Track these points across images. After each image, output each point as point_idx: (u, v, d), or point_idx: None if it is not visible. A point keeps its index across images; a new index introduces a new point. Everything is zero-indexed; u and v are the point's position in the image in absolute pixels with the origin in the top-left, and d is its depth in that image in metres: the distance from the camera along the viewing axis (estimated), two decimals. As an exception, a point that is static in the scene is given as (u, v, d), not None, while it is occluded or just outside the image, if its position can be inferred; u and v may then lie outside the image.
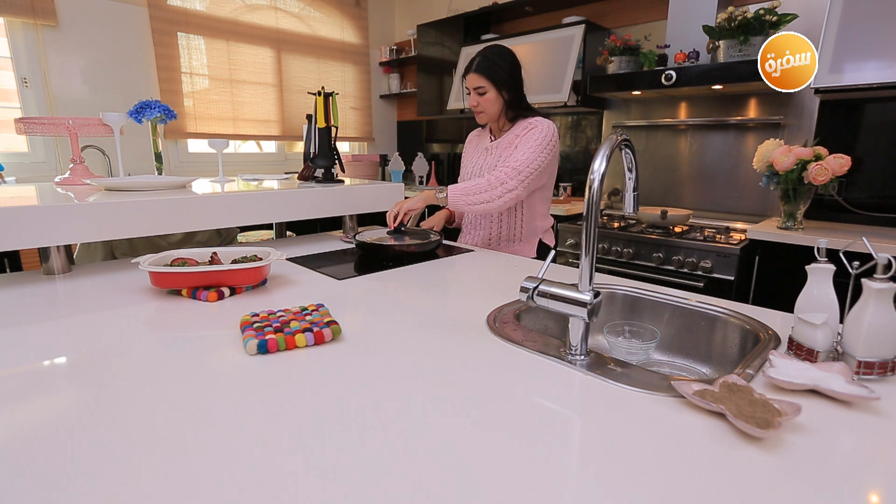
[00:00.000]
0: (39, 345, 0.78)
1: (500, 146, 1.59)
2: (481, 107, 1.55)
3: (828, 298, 0.70)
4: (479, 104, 1.55)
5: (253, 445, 0.51)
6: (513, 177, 1.43)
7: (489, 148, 1.63)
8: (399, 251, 1.37)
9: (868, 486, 0.47)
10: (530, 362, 0.72)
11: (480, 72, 1.51)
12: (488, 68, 1.51)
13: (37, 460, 0.48)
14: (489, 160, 1.61)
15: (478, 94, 1.54)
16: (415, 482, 0.46)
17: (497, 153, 1.60)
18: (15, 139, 2.68)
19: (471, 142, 1.78)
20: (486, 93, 1.52)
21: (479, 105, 1.55)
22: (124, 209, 1.18)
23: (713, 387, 0.60)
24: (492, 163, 1.59)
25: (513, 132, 1.56)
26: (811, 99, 2.19)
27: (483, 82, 1.51)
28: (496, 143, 1.61)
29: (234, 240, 1.94)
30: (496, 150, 1.61)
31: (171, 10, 3.02)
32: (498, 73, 1.51)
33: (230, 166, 3.45)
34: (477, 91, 1.53)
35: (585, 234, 0.70)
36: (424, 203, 1.49)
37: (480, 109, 1.56)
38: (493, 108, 1.54)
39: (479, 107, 1.56)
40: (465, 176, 1.70)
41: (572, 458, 0.51)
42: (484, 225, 1.64)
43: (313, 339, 0.76)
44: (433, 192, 1.49)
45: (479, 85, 1.52)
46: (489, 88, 1.51)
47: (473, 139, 1.77)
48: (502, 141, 1.59)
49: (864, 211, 2.08)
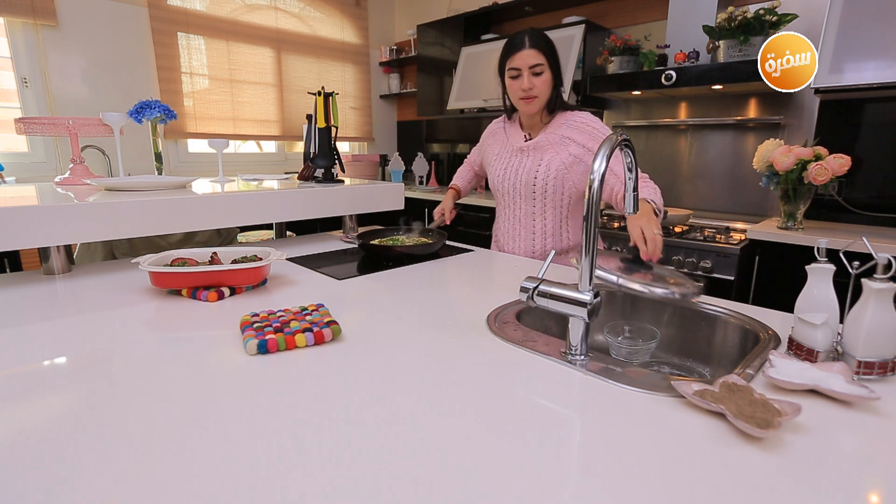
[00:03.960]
0: (39, 345, 0.78)
1: (541, 148, 1.36)
2: (536, 90, 1.29)
3: (828, 298, 0.70)
4: (535, 87, 1.29)
5: (253, 446, 0.51)
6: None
7: (524, 149, 1.40)
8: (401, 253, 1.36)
9: (868, 486, 0.47)
10: (530, 362, 0.72)
11: (538, 47, 1.27)
12: (547, 44, 1.28)
13: (36, 460, 0.48)
14: (526, 163, 1.38)
15: (533, 75, 1.28)
16: (415, 481, 0.46)
17: (537, 156, 1.37)
18: (15, 139, 2.68)
19: (494, 134, 1.53)
20: (542, 73, 1.28)
21: (535, 88, 1.29)
22: (124, 209, 1.18)
23: (713, 387, 0.60)
24: (530, 167, 1.37)
25: (556, 132, 1.34)
26: (811, 99, 2.19)
27: (541, 59, 1.27)
28: (533, 143, 1.38)
29: (234, 240, 1.93)
30: (534, 152, 1.37)
31: (171, 10, 3.02)
32: (554, 53, 1.29)
33: (230, 166, 3.45)
34: (532, 70, 1.28)
35: (585, 234, 0.70)
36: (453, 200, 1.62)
37: (535, 94, 1.30)
38: (547, 94, 1.31)
39: (532, 90, 1.29)
40: (494, 177, 1.48)
41: (572, 457, 0.51)
42: (524, 237, 1.45)
43: (313, 339, 0.76)
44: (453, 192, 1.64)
45: (536, 62, 1.27)
46: (546, 69, 1.28)
47: (498, 132, 1.52)
48: (541, 141, 1.36)
49: (864, 211, 2.08)
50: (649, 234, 1.05)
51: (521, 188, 1.40)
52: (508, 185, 1.43)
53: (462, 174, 1.76)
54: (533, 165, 1.37)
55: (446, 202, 1.62)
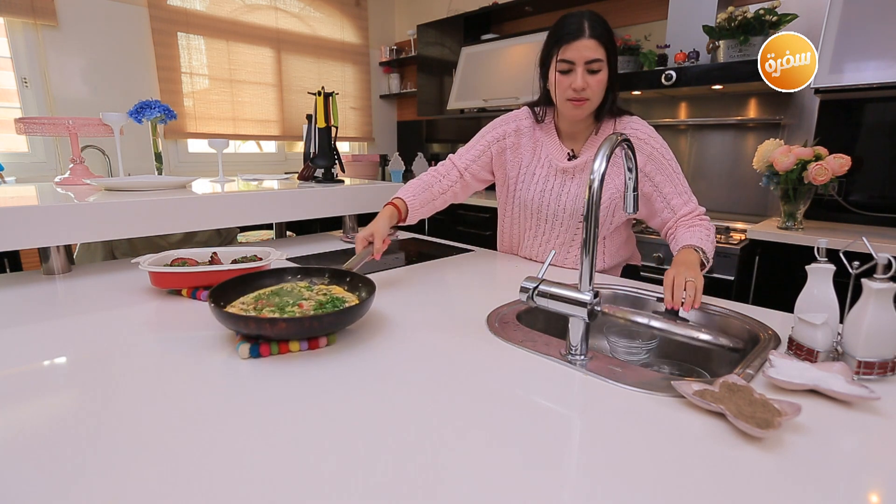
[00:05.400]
0: (39, 345, 0.78)
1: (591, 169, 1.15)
2: (590, 91, 1.05)
3: (828, 298, 0.70)
4: (589, 87, 1.05)
5: (241, 452, 0.51)
6: (696, 202, 1.14)
7: (569, 171, 1.17)
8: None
9: (868, 486, 0.47)
10: (530, 362, 0.72)
11: (599, 39, 1.02)
12: (607, 37, 1.04)
13: (36, 460, 0.48)
14: (570, 188, 1.17)
15: (588, 72, 1.04)
16: (416, 482, 0.46)
17: (585, 179, 1.13)
18: (15, 139, 2.68)
19: (519, 137, 1.23)
20: (600, 70, 1.04)
21: (588, 89, 1.05)
22: (124, 209, 1.18)
23: (713, 387, 0.60)
24: (576, 192, 1.16)
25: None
26: (811, 99, 2.19)
27: (601, 53, 1.03)
28: (580, 164, 1.16)
29: (234, 240, 1.94)
30: (581, 174, 1.16)
31: (171, 10, 3.02)
32: (614, 45, 1.07)
33: (230, 166, 3.45)
34: (589, 67, 1.03)
35: (585, 234, 0.70)
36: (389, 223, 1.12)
37: (587, 96, 1.06)
38: (599, 98, 1.09)
39: (586, 91, 1.05)
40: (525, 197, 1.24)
41: (572, 457, 0.51)
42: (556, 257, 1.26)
43: (307, 346, 0.74)
44: (390, 211, 1.13)
45: (595, 57, 1.02)
46: (604, 66, 1.04)
47: (524, 138, 1.23)
48: (591, 161, 1.08)
49: (864, 211, 2.08)
50: (679, 281, 0.90)
51: (562, 215, 1.21)
52: (546, 210, 1.22)
53: (425, 186, 1.22)
54: (580, 191, 1.16)
55: (378, 225, 1.08)
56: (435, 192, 1.23)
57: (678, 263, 0.99)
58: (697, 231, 1.08)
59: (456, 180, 1.26)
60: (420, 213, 1.20)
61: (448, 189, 1.25)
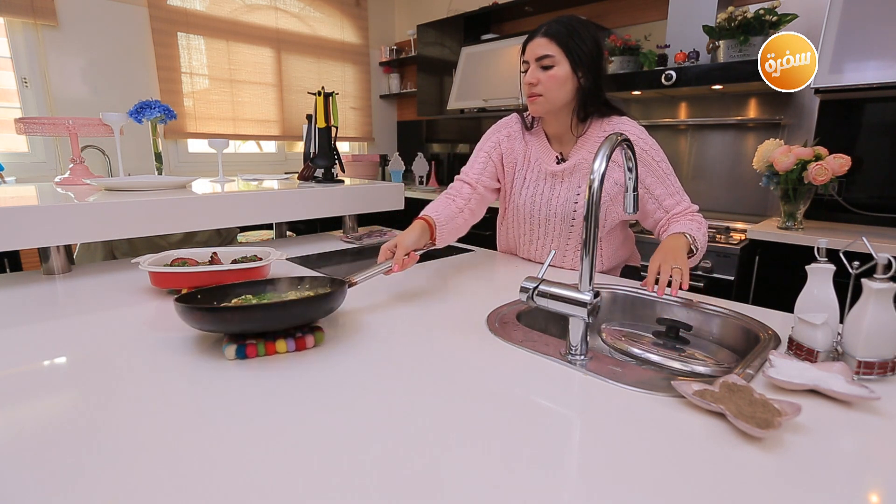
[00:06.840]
0: (39, 345, 0.78)
1: (580, 171, 1.15)
2: (542, 87, 1.08)
3: (828, 298, 0.70)
4: (540, 82, 1.08)
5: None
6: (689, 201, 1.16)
7: (558, 174, 1.18)
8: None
9: (868, 486, 0.47)
10: (530, 362, 0.72)
11: (551, 36, 1.07)
12: (564, 35, 1.07)
13: (36, 460, 0.48)
14: (560, 192, 1.18)
15: (540, 68, 1.08)
16: (415, 482, 0.46)
17: (573, 183, 1.16)
18: (15, 139, 2.68)
19: (511, 141, 1.26)
20: (553, 66, 1.07)
21: (540, 84, 1.08)
22: (124, 209, 1.18)
23: (713, 387, 0.60)
24: (566, 196, 1.17)
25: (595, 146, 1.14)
26: (811, 99, 2.19)
27: (553, 50, 1.06)
28: (569, 167, 1.16)
29: (234, 240, 1.94)
30: (570, 177, 1.17)
31: (171, 10, 3.02)
32: (577, 45, 1.06)
33: (230, 166, 3.45)
34: (540, 63, 1.07)
35: (585, 234, 0.70)
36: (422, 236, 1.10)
37: (539, 91, 1.09)
38: (559, 94, 1.09)
39: (537, 86, 1.08)
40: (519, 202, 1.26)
41: (572, 457, 0.51)
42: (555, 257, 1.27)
43: (294, 346, 0.74)
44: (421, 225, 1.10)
45: (545, 53, 1.06)
46: (560, 61, 1.07)
47: (515, 142, 1.26)
48: (580, 164, 1.15)
49: (864, 211, 2.08)
50: (665, 268, 0.91)
51: (553, 219, 1.22)
52: (538, 215, 1.24)
53: (444, 203, 1.22)
54: (570, 195, 1.17)
55: (405, 236, 1.04)
56: (454, 209, 1.21)
57: (664, 249, 0.99)
58: (688, 223, 1.11)
59: (471, 194, 1.26)
60: (446, 229, 1.16)
61: (465, 205, 1.24)
